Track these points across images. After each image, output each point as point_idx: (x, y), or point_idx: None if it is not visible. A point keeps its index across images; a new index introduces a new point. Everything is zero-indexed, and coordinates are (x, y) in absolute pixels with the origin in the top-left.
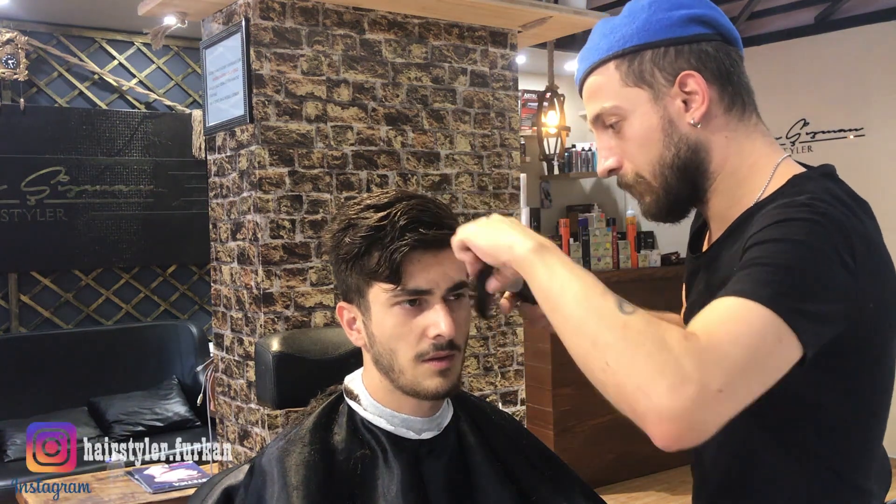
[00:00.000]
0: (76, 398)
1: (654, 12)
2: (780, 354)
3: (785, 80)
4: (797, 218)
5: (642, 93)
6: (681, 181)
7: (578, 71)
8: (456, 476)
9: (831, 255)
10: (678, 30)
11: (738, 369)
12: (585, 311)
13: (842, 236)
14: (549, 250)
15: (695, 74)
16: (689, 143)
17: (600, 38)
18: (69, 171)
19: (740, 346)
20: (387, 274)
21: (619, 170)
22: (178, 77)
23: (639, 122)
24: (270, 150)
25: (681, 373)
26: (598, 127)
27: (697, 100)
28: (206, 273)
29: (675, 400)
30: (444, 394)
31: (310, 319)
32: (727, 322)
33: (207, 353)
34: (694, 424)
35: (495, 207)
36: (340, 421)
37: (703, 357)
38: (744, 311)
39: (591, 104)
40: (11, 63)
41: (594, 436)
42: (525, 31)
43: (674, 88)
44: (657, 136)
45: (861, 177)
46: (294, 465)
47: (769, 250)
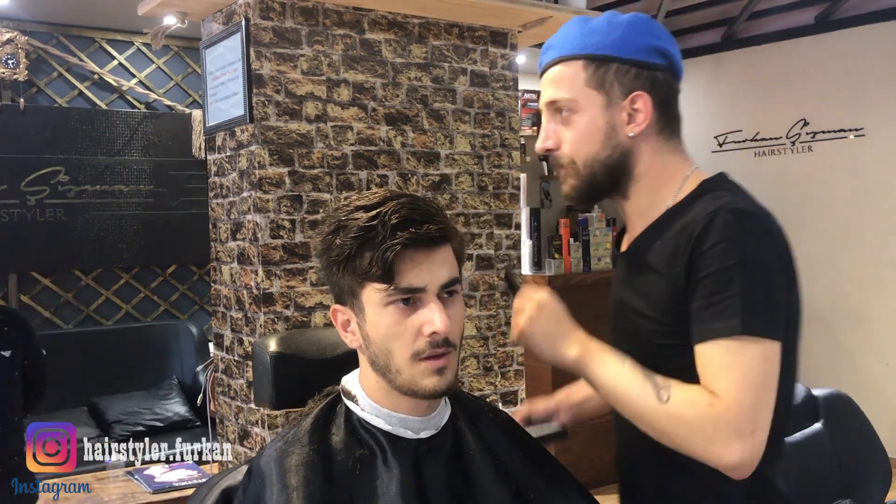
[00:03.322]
0: (76, 398)
1: (629, 32)
2: (772, 362)
3: (785, 80)
4: (740, 237)
5: (599, 97)
6: (605, 177)
7: (547, 53)
8: (454, 475)
9: (774, 264)
10: (643, 55)
11: (756, 404)
12: (633, 410)
13: (780, 239)
14: (590, 357)
15: (645, 96)
16: (622, 150)
17: (577, 34)
18: (69, 171)
19: (748, 387)
20: (379, 274)
21: (555, 151)
22: (178, 77)
23: (587, 121)
24: (270, 150)
25: (723, 437)
26: (549, 109)
27: (641, 117)
28: (206, 273)
29: (732, 457)
30: (441, 392)
31: (310, 319)
32: (729, 371)
33: (207, 353)
34: (749, 461)
35: (495, 207)
36: (338, 421)
37: (729, 417)
38: (734, 352)
39: (551, 89)
40: (11, 63)
41: (594, 436)
42: (525, 31)
43: (624, 102)
44: (599, 137)
45: (861, 177)
46: (293, 465)
47: (726, 281)
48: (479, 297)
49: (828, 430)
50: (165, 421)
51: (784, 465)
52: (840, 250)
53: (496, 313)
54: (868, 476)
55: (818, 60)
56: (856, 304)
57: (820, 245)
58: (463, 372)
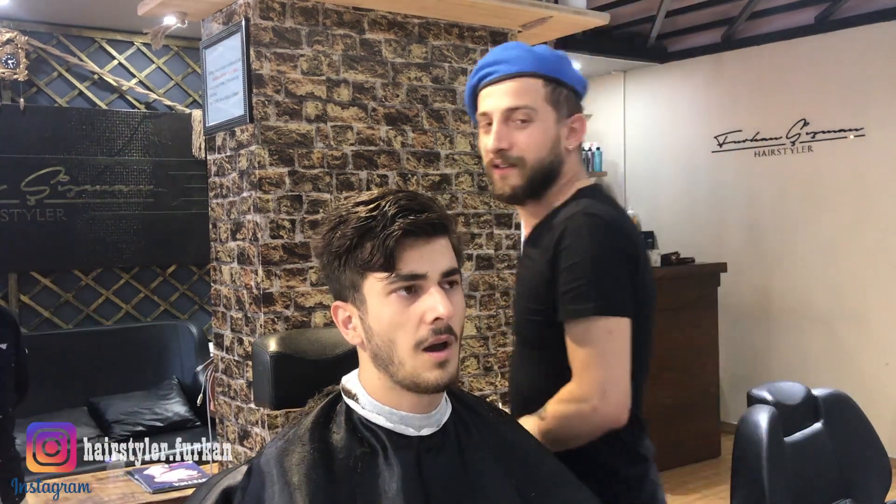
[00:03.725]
0: (76, 398)
1: (569, 65)
2: (620, 333)
3: (785, 80)
4: (590, 236)
5: (553, 113)
6: (543, 179)
7: (499, 66)
8: (455, 473)
9: (620, 256)
10: (580, 86)
11: (607, 369)
12: (548, 440)
13: (625, 236)
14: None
15: (582, 118)
16: (560, 159)
17: (530, 57)
18: (69, 171)
19: (599, 357)
20: (381, 262)
21: (507, 151)
22: (178, 77)
23: (541, 130)
24: (270, 150)
25: (594, 405)
26: (507, 114)
27: (578, 135)
28: (206, 273)
29: (607, 413)
30: (443, 386)
31: (310, 319)
32: (584, 347)
33: (207, 353)
34: (620, 409)
35: (495, 207)
36: (339, 420)
37: (589, 391)
38: (588, 330)
39: (513, 98)
40: (11, 63)
41: None
42: (525, 31)
43: (569, 120)
44: (548, 145)
45: (861, 177)
46: (294, 464)
47: (580, 272)
48: (479, 297)
49: (828, 430)
50: (165, 421)
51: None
52: (840, 250)
53: (496, 313)
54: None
55: (818, 60)
56: (856, 304)
57: (820, 245)
58: (463, 372)
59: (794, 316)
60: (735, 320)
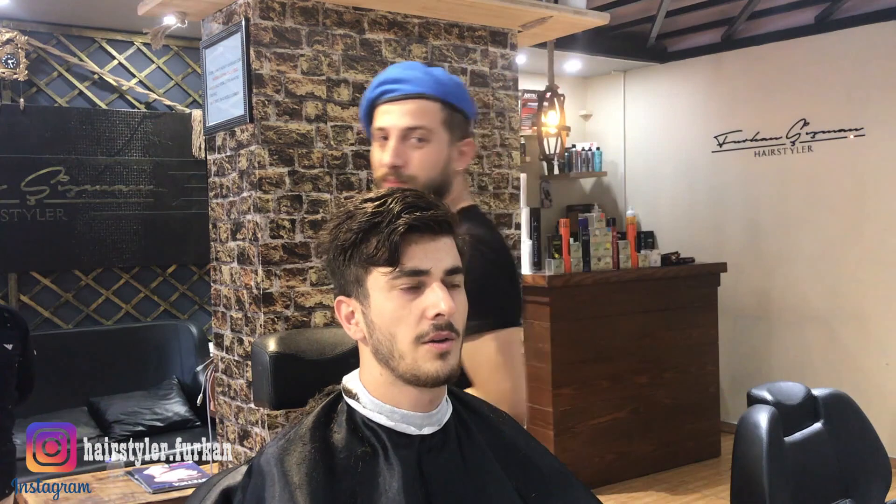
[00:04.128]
0: (76, 398)
1: (464, 92)
2: (517, 341)
3: (785, 80)
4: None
5: (446, 135)
6: (434, 193)
7: (403, 85)
8: (456, 472)
9: (504, 273)
10: (471, 114)
11: (508, 373)
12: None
13: (504, 253)
14: None
15: (472, 143)
16: (448, 179)
17: (430, 80)
18: (69, 171)
19: (501, 367)
20: (385, 256)
21: (401, 168)
22: (178, 77)
23: (435, 150)
24: (270, 149)
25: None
26: (405, 133)
27: (466, 158)
28: (206, 273)
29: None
30: (443, 378)
31: (310, 319)
32: (488, 359)
33: (207, 353)
34: (520, 400)
35: (495, 207)
36: (340, 420)
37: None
38: (490, 344)
39: (412, 118)
40: (11, 63)
41: (594, 436)
42: (525, 31)
43: (460, 144)
44: (440, 166)
45: (861, 177)
46: (295, 464)
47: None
48: None
49: (828, 430)
50: (165, 421)
51: None
52: (840, 250)
53: None
54: (868, 476)
55: (818, 60)
56: (856, 304)
57: (820, 245)
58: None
59: (793, 316)
60: (735, 320)
